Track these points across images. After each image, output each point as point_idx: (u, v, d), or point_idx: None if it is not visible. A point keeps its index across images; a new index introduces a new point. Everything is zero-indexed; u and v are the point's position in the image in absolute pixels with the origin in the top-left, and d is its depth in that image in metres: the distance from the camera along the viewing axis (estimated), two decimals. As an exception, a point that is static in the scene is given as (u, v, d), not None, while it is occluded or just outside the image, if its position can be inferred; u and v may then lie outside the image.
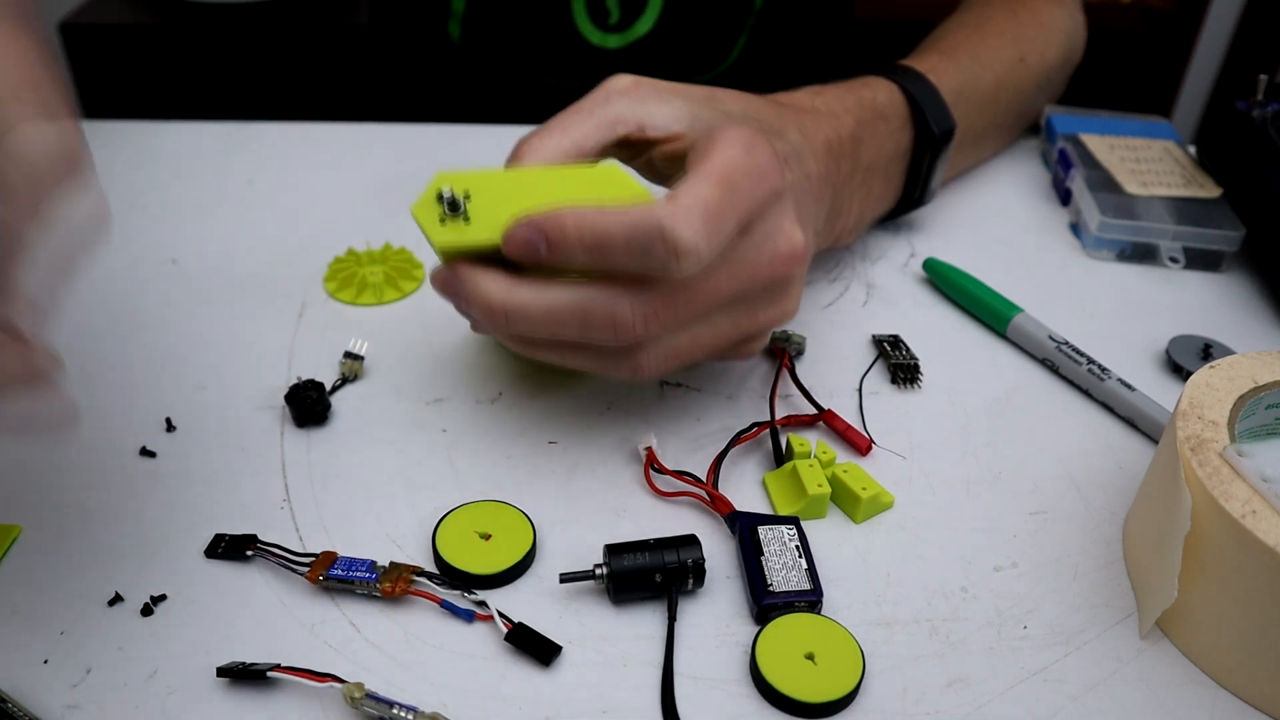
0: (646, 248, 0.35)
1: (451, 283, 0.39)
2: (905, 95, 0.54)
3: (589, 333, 0.37)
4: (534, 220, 0.36)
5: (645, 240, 0.35)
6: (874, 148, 0.52)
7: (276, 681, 0.34)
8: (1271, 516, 0.33)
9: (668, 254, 0.35)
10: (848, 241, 0.54)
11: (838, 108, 0.50)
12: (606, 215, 0.35)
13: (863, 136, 0.51)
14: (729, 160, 0.37)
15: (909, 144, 0.54)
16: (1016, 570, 0.39)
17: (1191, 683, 0.35)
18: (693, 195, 0.36)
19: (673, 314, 0.38)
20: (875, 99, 0.52)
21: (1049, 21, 0.66)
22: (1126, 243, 0.58)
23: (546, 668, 0.35)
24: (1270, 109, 0.60)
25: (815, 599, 0.36)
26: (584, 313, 0.37)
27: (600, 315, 0.37)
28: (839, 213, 0.51)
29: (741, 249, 0.38)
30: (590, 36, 0.70)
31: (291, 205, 0.60)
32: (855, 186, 0.51)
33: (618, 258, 0.36)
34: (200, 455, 0.43)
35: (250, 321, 0.51)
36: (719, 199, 0.36)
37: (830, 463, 0.42)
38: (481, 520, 0.39)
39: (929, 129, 0.53)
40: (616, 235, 0.35)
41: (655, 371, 0.39)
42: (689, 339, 0.39)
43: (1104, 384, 0.47)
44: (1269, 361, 0.40)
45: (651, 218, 0.35)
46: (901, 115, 0.53)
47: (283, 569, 0.38)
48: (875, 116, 0.52)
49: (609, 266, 0.36)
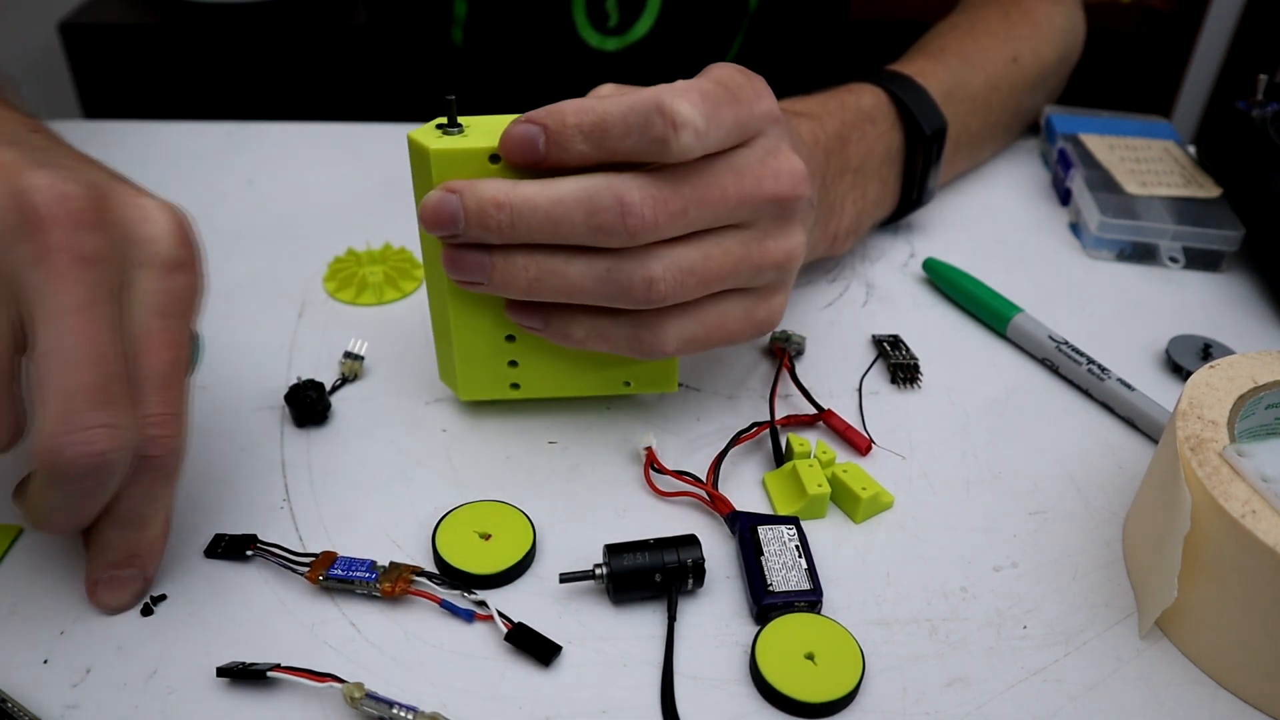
0: (645, 122, 0.35)
1: (445, 202, 0.37)
2: (891, 97, 0.54)
3: (597, 221, 0.36)
4: (531, 115, 0.36)
5: (643, 115, 0.35)
6: (863, 149, 0.52)
7: (276, 681, 0.34)
8: (1271, 516, 0.33)
9: (666, 126, 0.35)
10: (846, 247, 0.54)
11: (819, 110, 0.50)
12: (604, 100, 0.36)
13: (848, 137, 0.51)
14: (726, 72, 0.38)
15: (900, 146, 0.54)
16: (1016, 570, 0.39)
17: (1191, 682, 0.35)
18: (690, 84, 0.36)
19: (680, 203, 0.37)
20: (859, 102, 0.53)
21: (1044, 21, 0.66)
22: (1126, 242, 0.58)
23: (546, 667, 0.35)
24: (1270, 109, 0.60)
25: (815, 599, 0.36)
26: (590, 199, 0.36)
27: (607, 199, 0.36)
28: (832, 213, 0.51)
29: (745, 156, 0.38)
30: (590, 39, 0.70)
31: (291, 205, 0.60)
32: (847, 188, 0.51)
33: (617, 139, 0.36)
34: (200, 455, 0.43)
35: (250, 321, 0.51)
36: (715, 90, 0.36)
37: (830, 463, 0.42)
38: (481, 520, 0.39)
39: (919, 129, 0.53)
40: (614, 115, 0.35)
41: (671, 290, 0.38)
42: (702, 256, 0.38)
43: (1104, 384, 0.47)
44: (1269, 361, 0.40)
45: (649, 94, 0.35)
46: (889, 117, 0.53)
47: (283, 569, 0.38)
48: (860, 119, 0.52)
49: (610, 151, 0.36)
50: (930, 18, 0.67)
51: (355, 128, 0.68)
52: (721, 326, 0.40)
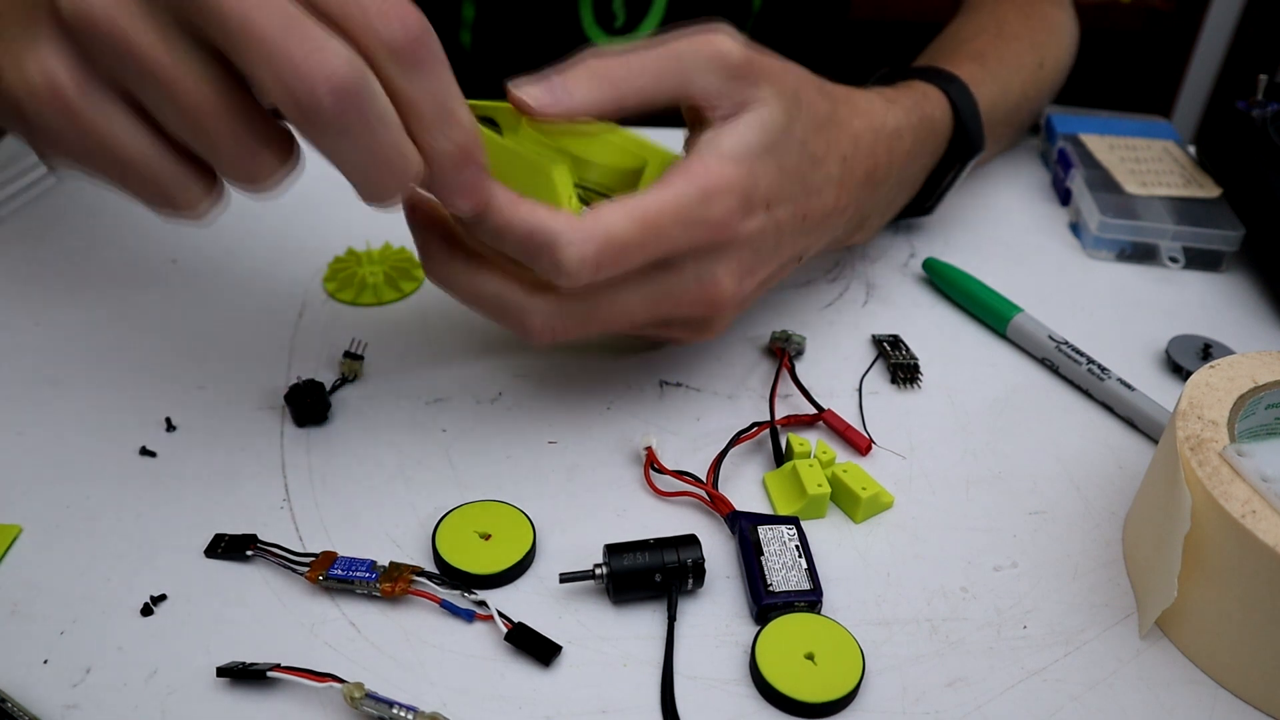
0: (536, 253, 0.36)
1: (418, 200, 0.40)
2: (953, 110, 0.53)
3: (500, 321, 0.40)
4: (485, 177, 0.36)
5: (536, 246, 0.36)
6: (919, 165, 0.52)
7: (276, 681, 0.34)
8: (1271, 516, 0.33)
9: (551, 267, 0.36)
10: (856, 244, 0.54)
11: (904, 126, 0.49)
12: (520, 206, 0.36)
13: (915, 154, 0.51)
14: (669, 203, 0.37)
15: (941, 156, 0.54)
16: (1016, 570, 0.39)
17: (1191, 682, 0.35)
18: (601, 220, 0.36)
19: (579, 329, 0.40)
20: (933, 115, 0.52)
21: (1056, 24, 0.66)
22: (1126, 242, 0.58)
23: (546, 667, 0.35)
24: (1270, 109, 0.60)
25: (815, 599, 0.36)
26: (500, 306, 0.40)
27: (512, 313, 0.40)
28: (860, 227, 0.51)
29: (664, 280, 0.39)
30: (597, 40, 0.71)
31: (291, 205, 0.60)
32: (881, 200, 0.51)
33: (512, 250, 0.37)
34: (200, 455, 0.43)
35: (250, 321, 0.51)
36: (630, 235, 0.37)
37: (830, 462, 0.42)
38: (481, 520, 0.39)
39: (964, 144, 0.53)
40: (517, 230, 0.36)
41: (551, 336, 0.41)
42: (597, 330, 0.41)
43: (1104, 384, 0.47)
44: (1269, 361, 0.40)
45: (548, 227, 0.36)
46: (947, 133, 0.53)
47: (283, 569, 0.38)
48: (930, 134, 0.52)
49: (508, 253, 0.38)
50: (927, 18, 0.67)
51: (355, 128, 0.68)
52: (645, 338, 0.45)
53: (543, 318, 0.39)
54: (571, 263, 0.36)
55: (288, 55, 0.29)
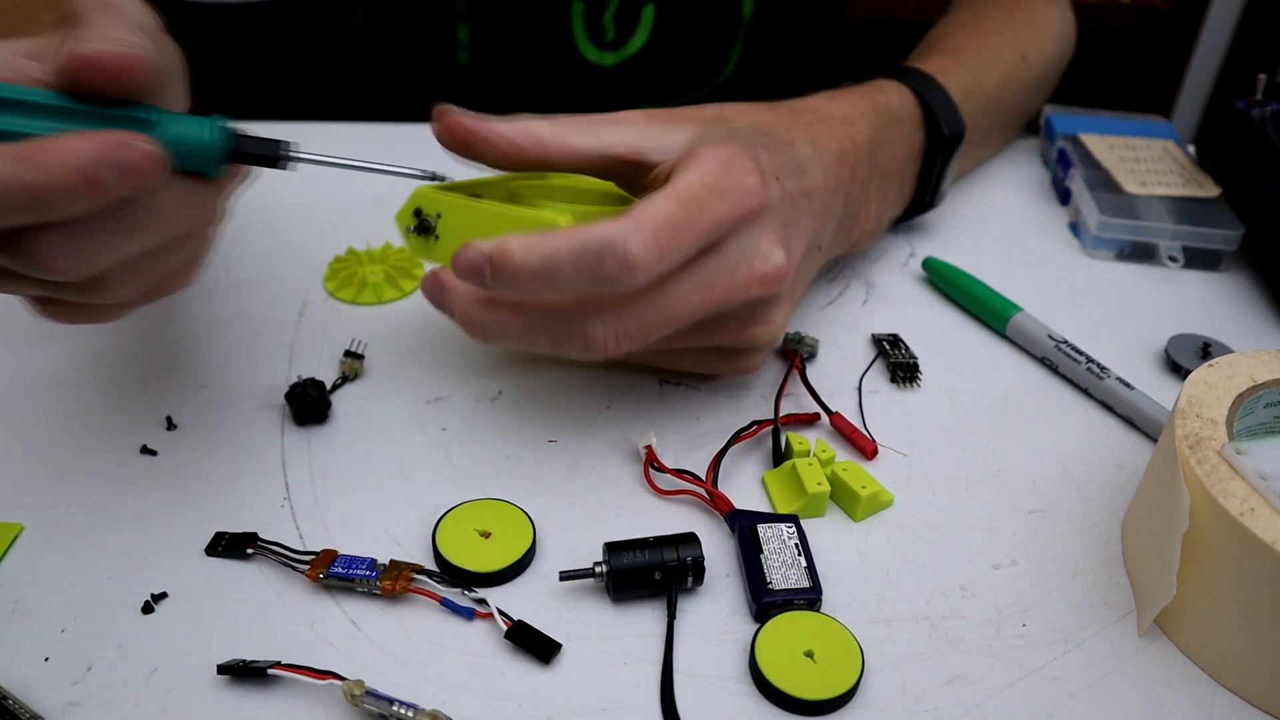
0: (597, 262, 0.35)
1: (436, 293, 0.39)
2: (917, 98, 0.54)
3: (562, 348, 0.38)
4: (480, 245, 0.36)
5: (596, 255, 0.35)
6: (889, 152, 0.52)
7: (277, 679, 0.34)
8: (1270, 514, 0.33)
9: (618, 267, 0.35)
10: (865, 246, 0.54)
11: (854, 113, 0.50)
12: (555, 238, 0.35)
13: (880, 141, 0.51)
14: (697, 178, 0.38)
15: (921, 146, 0.54)
16: (1015, 568, 0.39)
17: (1190, 680, 0.36)
18: (646, 210, 0.36)
19: (644, 330, 0.38)
20: (890, 103, 0.52)
21: (1043, 20, 0.67)
22: (1126, 242, 0.58)
23: (546, 665, 0.35)
24: (1269, 109, 0.60)
25: (814, 597, 0.36)
26: (556, 334, 0.38)
27: (574, 336, 0.38)
28: (855, 219, 0.51)
29: (713, 265, 0.39)
30: (589, 55, 0.71)
31: (291, 205, 0.60)
32: (873, 192, 0.51)
33: (569, 279, 0.35)
34: (201, 454, 0.43)
35: (250, 320, 0.51)
36: (676, 214, 0.36)
37: (829, 461, 0.42)
38: (481, 518, 0.39)
39: (940, 131, 0.53)
40: (564, 255, 0.35)
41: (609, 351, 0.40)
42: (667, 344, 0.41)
43: (1103, 383, 0.47)
44: (1267, 360, 0.40)
45: (599, 233, 0.35)
46: (914, 118, 0.53)
47: (283, 567, 0.38)
48: (891, 120, 0.52)
49: (564, 289, 0.36)
50: (924, 17, 0.67)
51: (355, 128, 0.68)
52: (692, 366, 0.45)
53: (604, 325, 0.38)
54: (636, 252, 0.35)
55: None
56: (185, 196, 0.34)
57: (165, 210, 0.33)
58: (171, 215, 0.33)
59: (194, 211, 0.34)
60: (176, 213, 0.33)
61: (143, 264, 0.34)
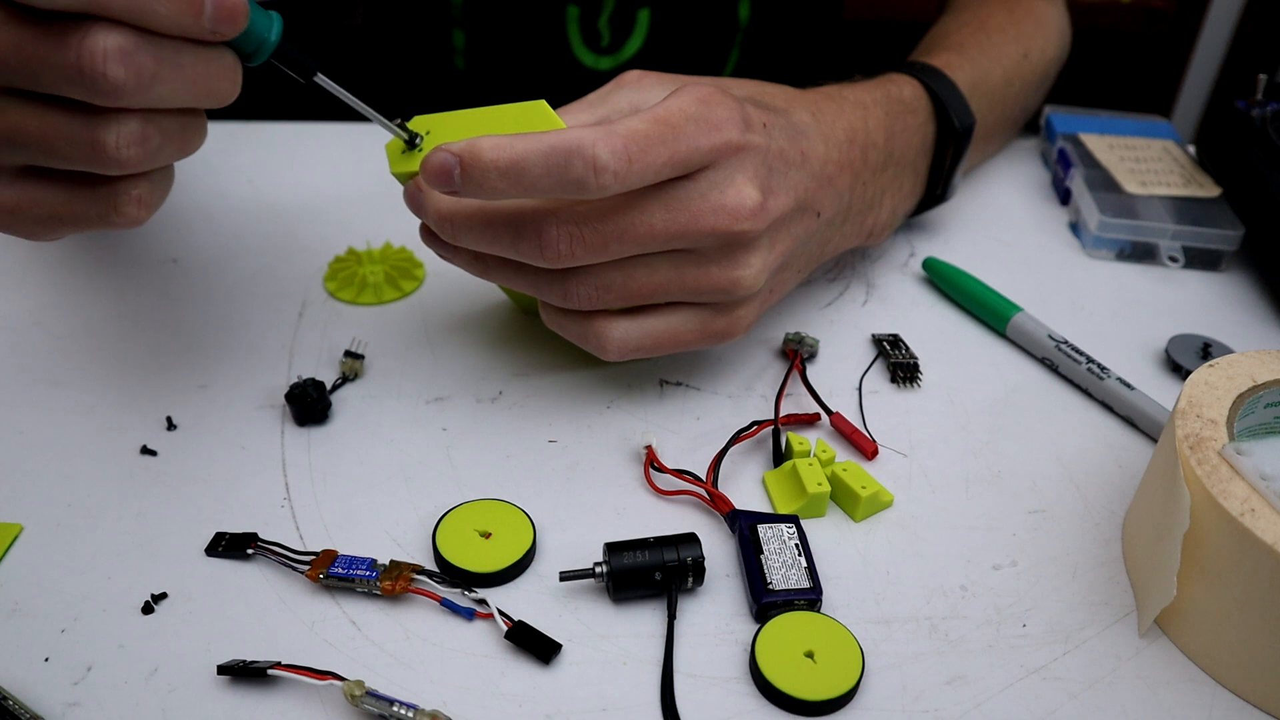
0: (565, 164, 0.36)
1: (415, 196, 0.40)
2: (927, 91, 0.54)
3: (519, 249, 0.39)
4: (449, 146, 0.37)
5: (564, 157, 0.36)
6: (904, 142, 0.52)
7: (277, 679, 0.34)
8: (1270, 515, 0.33)
9: (586, 169, 0.36)
10: (880, 239, 0.54)
11: (866, 99, 0.50)
12: (526, 139, 0.36)
13: (894, 130, 0.51)
14: (675, 104, 0.39)
15: (933, 139, 0.54)
16: (1016, 569, 0.39)
17: (1190, 680, 0.36)
18: (621, 123, 0.37)
19: (600, 240, 0.39)
20: (902, 94, 0.53)
21: (1044, 18, 0.67)
22: (1126, 242, 0.58)
23: (546, 665, 0.35)
24: (1270, 109, 0.60)
25: (815, 597, 0.36)
26: (515, 228, 0.39)
27: (528, 232, 0.38)
28: (869, 208, 0.51)
29: (682, 191, 0.39)
30: (584, 59, 0.72)
31: (291, 205, 0.60)
32: (888, 180, 0.51)
33: (537, 180, 0.36)
34: (201, 454, 0.43)
35: (250, 321, 0.51)
36: (648, 129, 0.37)
37: (829, 461, 0.42)
38: (481, 519, 0.39)
39: (950, 124, 0.54)
40: (534, 157, 0.36)
41: (586, 301, 0.40)
42: (623, 276, 0.40)
43: (1103, 383, 0.47)
44: (1268, 360, 0.40)
45: (570, 137, 0.36)
46: (926, 110, 0.54)
47: (283, 567, 0.38)
48: (904, 110, 0.52)
49: (527, 189, 0.37)
50: (921, 17, 0.67)
51: (355, 128, 0.68)
52: (671, 335, 0.43)
53: (561, 227, 0.38)
54: (604, 156, 0.36)
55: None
56: (227, 70, 0.35)
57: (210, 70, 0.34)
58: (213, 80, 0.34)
59: (226, 86, 0.35)
60: (215, 81, 0.34)
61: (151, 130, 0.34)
